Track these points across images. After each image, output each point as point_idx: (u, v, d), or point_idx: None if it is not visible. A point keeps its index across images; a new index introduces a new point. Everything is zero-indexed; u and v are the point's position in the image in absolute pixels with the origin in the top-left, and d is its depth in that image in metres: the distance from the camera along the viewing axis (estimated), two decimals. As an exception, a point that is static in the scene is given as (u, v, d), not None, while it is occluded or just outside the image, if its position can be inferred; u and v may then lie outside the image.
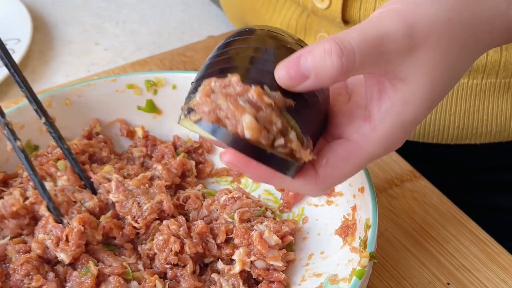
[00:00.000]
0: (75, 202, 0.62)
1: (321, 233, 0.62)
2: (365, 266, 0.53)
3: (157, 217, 0.61)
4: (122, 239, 0.61)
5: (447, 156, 0.82)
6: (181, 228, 0.60)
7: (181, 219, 0.61)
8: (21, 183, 0.64)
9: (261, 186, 0.68)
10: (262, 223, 0.61)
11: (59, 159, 0.65)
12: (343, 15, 0.72)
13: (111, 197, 0.62)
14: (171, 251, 0.58)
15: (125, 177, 0.64)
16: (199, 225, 0.60)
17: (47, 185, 0.63)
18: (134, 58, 0.93)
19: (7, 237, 0.60)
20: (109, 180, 0.63)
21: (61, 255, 0.58)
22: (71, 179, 0.63)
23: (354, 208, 0.60)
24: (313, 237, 0.63)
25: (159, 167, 0.66)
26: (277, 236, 0.59)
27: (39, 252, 0.58)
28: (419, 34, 0.45)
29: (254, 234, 0.58)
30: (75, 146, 0.66)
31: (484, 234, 0.67)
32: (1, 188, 0.64)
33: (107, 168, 0.65)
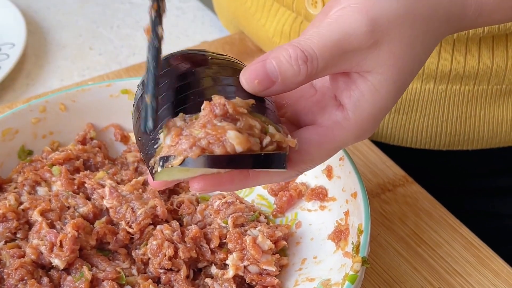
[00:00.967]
0: (68, 208, 0.62)
1: (314, 238, 0.63)
2: (357, 271, 0.54)
3: (151, 222, 0.61)
4: (116, 244, 0.61)
5: (439, 162, 0.82)
6: (175, 233, 0.60)
7: (175, 224, 0.61)
8: (15, 188, 0.64)
9: (255, 191, 0.68)
10: (255, 228, 0.61)
11: (54, 164, 0.65)
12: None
13: (105, 203, 0.62)
14: (165, 256, 0.58)
15: (118, 183, 0.65)
16: (192, 230, 0.60)
17: (42, 190, 0.64)
18: (128, 63, 0.94)
19: (0, 242, 0.60)
20: (103, 186, 0.63)
21: (55, 261, 0.58)
22: (65, 184, 0.64)
23: (347, 213, 0.60)
24: (306, 242, 0.63)
25: (153, 172, 0.66)
26: (270, 241, 0.59)
27: (33, 257, 0.58)
28: (381, 28, 0.46)
29: (247, 239, 0.59)
30: (69, 151, 0.66)
31: (476, 238, 0.68)
32: (-4, 193, 0.64)
33: (100, 174, 0.65)
